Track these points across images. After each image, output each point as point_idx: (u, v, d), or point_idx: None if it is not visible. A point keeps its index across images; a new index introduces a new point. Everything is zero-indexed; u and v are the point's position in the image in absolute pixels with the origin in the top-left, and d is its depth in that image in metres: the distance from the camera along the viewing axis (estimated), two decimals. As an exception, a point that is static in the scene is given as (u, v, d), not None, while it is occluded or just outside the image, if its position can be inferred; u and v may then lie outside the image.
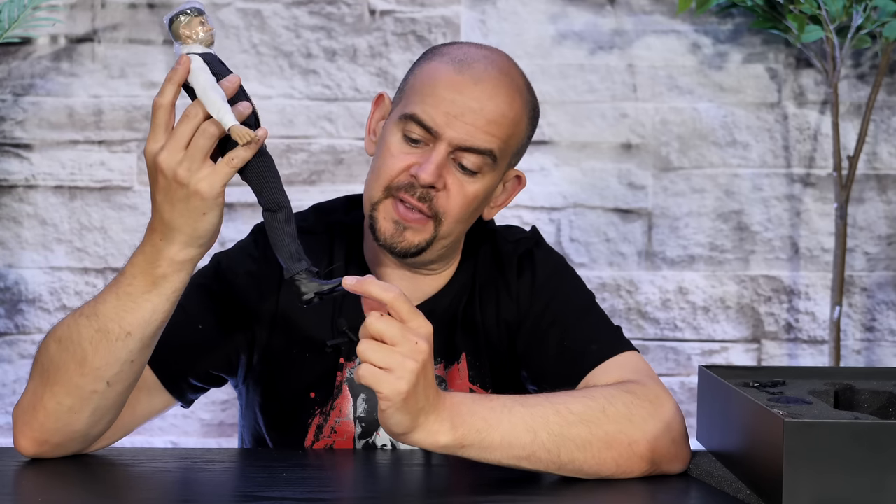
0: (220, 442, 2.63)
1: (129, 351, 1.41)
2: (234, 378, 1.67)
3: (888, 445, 1.24)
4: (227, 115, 1.30)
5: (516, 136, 1.60)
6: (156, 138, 1.33)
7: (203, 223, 1.34)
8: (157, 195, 1.34)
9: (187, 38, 1.32)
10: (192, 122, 1.31)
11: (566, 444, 1.41)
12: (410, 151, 1.56)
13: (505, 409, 1.40)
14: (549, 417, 1.41)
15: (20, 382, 2.61)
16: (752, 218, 2.65)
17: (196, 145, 1.31)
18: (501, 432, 1.39)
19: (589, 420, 1.43)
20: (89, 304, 1.43)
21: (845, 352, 2.64)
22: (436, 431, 1.35)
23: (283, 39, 2.62)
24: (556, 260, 1.71)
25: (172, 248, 1.36)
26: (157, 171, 1.33)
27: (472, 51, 1.60)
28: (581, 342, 1.60)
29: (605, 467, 1.43)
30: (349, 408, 1.62)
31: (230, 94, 1.32)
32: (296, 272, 1.34)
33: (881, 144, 2.65)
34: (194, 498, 1.42)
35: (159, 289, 1.38)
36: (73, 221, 2.62)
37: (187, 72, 1.31)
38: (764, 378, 1.52)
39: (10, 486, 1.43)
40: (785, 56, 2.63)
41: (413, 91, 1.58)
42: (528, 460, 1.41)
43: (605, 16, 2.63)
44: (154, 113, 1.33)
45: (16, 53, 2.60)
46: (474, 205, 1.59)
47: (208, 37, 1.33)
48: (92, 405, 1.44)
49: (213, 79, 1.31)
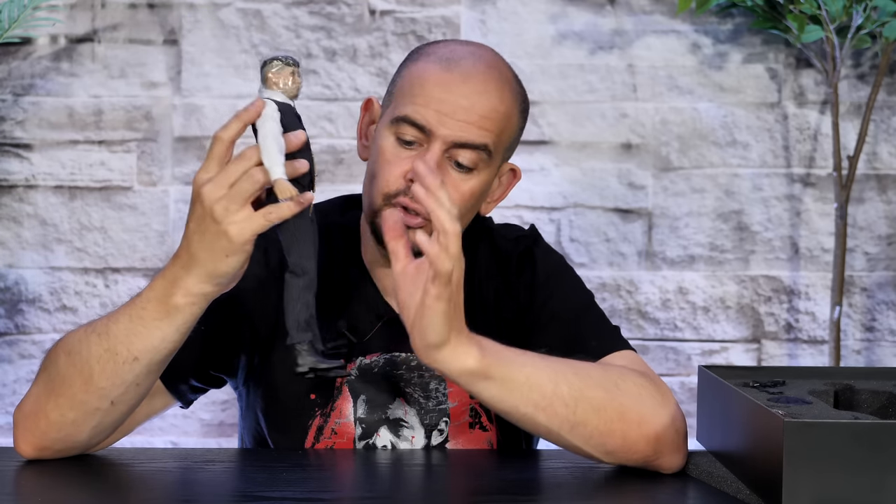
0: (220, 442, 2.63)
1: (135, 375, 1.42)
2: (235, 379, 1.66)
3: (888, 445, 1.24)
4: (277, 167, 1.30)
5: (508, 129, 1.60)
6: (207, 168, 1.33)
7: (224, 265, 1.35)
8: (191, 223, 1.35)
9: (273, 85, 1.32)
10: (244, 165, 1.31)
11: (583, 402, 1.41)
12: (405, 155, 1.56)
13: (529, 356, 1.41)
14: (569, 375, 1.42)
15: (20, 382, 2.61)
16: (752, 218, 2.65)
17: (240, 187, 1.31)
18: (527, 373, 1.39)
19: (605, 387, 1.43)
20: (103, 321, 1.44)
21: (845, 352, 2.64)
22: (464, 353, 1.35)
23: (283, 39, 2.62)
24: (555, 258, 1.71)
25: (190, 279, 1.36)
26: (198, 199, 1.33)
27: (457, 48, 1.60)
28: (580, 340, 1.60)
29: (612, 438, 1.43)
30: (349, 409, 1.62)
31: (292, 148, 1.31)
32: (297, 342, 1.34)
33: (881, 144, 2.65)
34: (194, 498, 1.42)
35: (171, 318, 1.39)
36: (73, 221, 2.62)
37: (257, 114, 1.31)
38: (764, 378, 1.52)
39: (10, 486, 1.43)
40: (785, 56, 2.63)
41: (402, 93, 1.58)
42: (545, 411, 1.40)
43: (605, 16, 2.63)
44: (212, 144, 1.33)
45: (16, 53, 2.60)
46: (472, 202, 1.59)
47: (294, 89, 1.33)
48: (95, 420, 1.45)
49: (278, 129, 1.31)
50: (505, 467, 1.55)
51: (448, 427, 1.63)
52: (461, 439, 1.64)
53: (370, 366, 1.63)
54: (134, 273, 2.61)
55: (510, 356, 1.39)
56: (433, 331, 1.32)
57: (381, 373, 1.63)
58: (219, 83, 2.61)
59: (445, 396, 1.63)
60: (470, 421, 1.63)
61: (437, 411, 1.63)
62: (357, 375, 1.62)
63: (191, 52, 2.60)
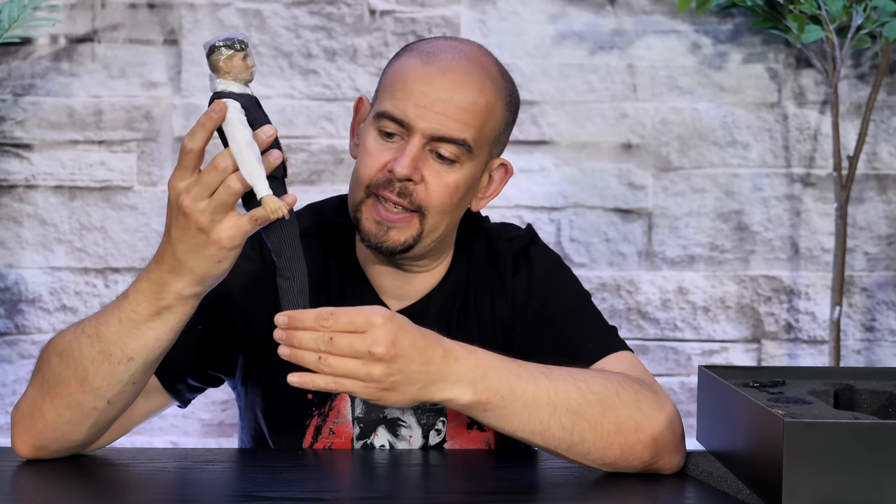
0: (220, 442, 2.63)
1: (130, 374, 1.42)
2: (233, 379, 1.66)
3: (888, 445, 1.24)
4: (259, 183, 1.27)
5: (491, 122, 1.59)
6: (181, 177, 1.32)
7: (216, 269, 1.35)
8: (174, 232, 1.34)
9: (225, 74, 1.27)
10: (219, 175, 1.30)
11: (581, 423, 1.42)
12: (386, 148, 1.56)
13: (531, 379, 1.41)
14: (570, 393, 1.42)
15: (20, 382, 2.61)
16: (752, 218, 2.65)
17: (220, 198, 1.31)
18: (524, 402, 1.40)
19: (604, 401, 1.44)
20: (91, 323, 1.43)
21: (845, 352, 2.64)
22: (455, 396, 1.37)
23: (283, 39, 2.62)
24: (552, 258, 1.71)
25: (179, 283, 1.36)
26: (178, 210, 1.32)
27: (440, 43, 1.61)
28: (576, 341, 1.60)
29: (610, 452, 1.44)
30: (347, 409, 1.62)
31: (265, 146, 1.29)
32: None
33: (881, 144, 2.65)
34: (194, 498, 1.42)
35: (163, 318, 1.39)
36: (73, 221, 2.62)
37: (222, 119, 1.28)
38: (764, 378, 1.52)
39: (10, 486, 1.43)
40: (785, 56, 2.63)
41: (385, 89, 1.59)
42: (542, 436, 1.41)
43: (605, 16, 2.63)
44: (182, 155, 1.32)
45: (16, 53, 2.60)
46: (457, 196, 1.58)
47: (248, 75, 1.28)
48: (91, 420, 1.46)
49: (249, 132, 1.27)
50: (504, 467, 1.55)
51: (445, 427, 1.63)
52: (459, 439, 1.63)
53: (368, 365, 1.62)
54: (134, 273, 2.60)
55: (511, 382, 1.40)
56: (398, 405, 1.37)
57: (379, 372, 1.62)
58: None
59: (444, 396, 1.63)
60: (468, 421, 1.63)
61: (434, 411, 1.62)
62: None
63: (191, 52, 2.60)
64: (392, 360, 1.32)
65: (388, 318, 1.33)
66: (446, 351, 1.37)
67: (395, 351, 1.32)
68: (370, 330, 1.31)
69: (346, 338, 1.31)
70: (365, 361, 1.31)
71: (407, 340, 1.33)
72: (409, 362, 1.33)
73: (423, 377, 1.35)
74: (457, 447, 1.63)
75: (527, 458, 1.61)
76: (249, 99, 1.29)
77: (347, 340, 1.31)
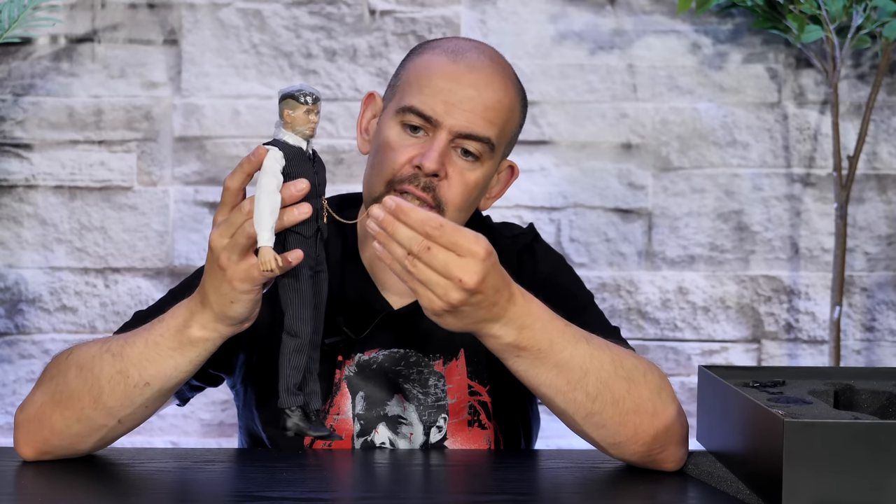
0: (220, 442, 2.63)
1: (144, 398, 1.44)
2: (233, 377, 1.67)
3: (888, 445, 1.24)
4: (264, 233, 1.26)
5: (511, 123, 1.61)
6: (219, 212, 1.35)
7: (230, 310, 1.36)
8: (206, 264, 1.37)
9: (287, 124, 1.29)
10: (242, 217, 1.32)
11: (605, 394, 1.43)
12: (411, 143, 1.56)
13: (573, 340, 1.42)
14: (604, 364, 1.43)
15: (20, 382, 2.61)
16: (752, 218, 2.65)
17: (237, 239, 1.32)
18: (557, 360, 1.40)
19: (632, 379, 1.45)
20: (119, 342, 1.45)
21: (845, 352, 2.64)
22: (499, 335, 1.38)
23: (283, 39, 2.62)
24: (555, 257, 1.72)
25: (203, 317, 1.39)
26: (209, 243, 1.35)
27: (462, 42, 1.62)
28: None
29: (623, 430, 1.45)
30: (348, 405, 1.62)
31: (291, 200, 1.28)
32: (286, 406, 1.33)
33: (881, 144, 2.65)
34: (194, 498, 1.42)
35: (184, 350, 1.41)
36: (73, 221, 2.62)
37: (259, 164, 1.29)
38: (764, 378, 1.52)
39: (11, 486, 1.43)
40: (785, 56, 2.63)
41: (408, 84, 1.58)
42: (565, 396, 1.42)
43: (605, 16, 2.63)
44: (223, 192, 1.35)
45: (16, 53, 2.60)
46: (475, 193, 1.59)
47: (307, 130, 1.29)
48: (99, 435, 1.47)
49: (275, 184, 1.27)
50: (505, 467, 1.55)
51: (447, 424, 1.63)
52: (460, 437, 1.63)
53: (368, 362, 1.63)
54: (134, 273, 2.61)
55: (552, 339, 1.40)
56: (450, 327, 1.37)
57: (380, 369, 1.63)
58: (219, 83, 2.61)
59: (444, 392, 1.63)
60: (469, 419, 1.63)
61: (435, 407, 1.62)
62: (356, 372, 1.62)
63: (191, 52, 2.60)
64: (473, 294, 1.32)
65: (488, 254, 1.32)
66: (511, 294, 1.37)
67: (481, 287, 1.32)
68: (469, 258, 1.31)
69: (445, 255, 1.30)
70: (451, 284, 1.31)
71: (492, 280, 1.33)
72: (484, 299, 1.33)
73: (485, 315, 1.35)
74: (458, 444, 1.63)
75: (528, 458, 1.61)
76: (299, 152, 1.29)
77: (445, 258, 1.30)
